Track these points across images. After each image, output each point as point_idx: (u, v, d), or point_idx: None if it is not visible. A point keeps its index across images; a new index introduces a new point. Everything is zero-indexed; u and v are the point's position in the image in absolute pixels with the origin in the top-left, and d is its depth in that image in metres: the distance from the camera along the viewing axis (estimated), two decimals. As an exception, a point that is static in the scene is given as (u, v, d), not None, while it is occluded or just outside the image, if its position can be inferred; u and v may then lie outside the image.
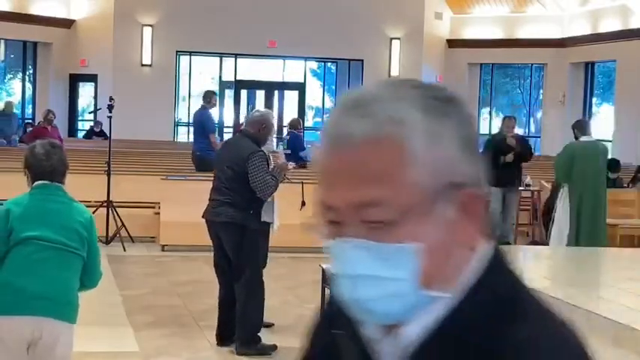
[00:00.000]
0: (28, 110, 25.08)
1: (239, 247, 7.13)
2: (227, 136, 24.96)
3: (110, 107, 12.08)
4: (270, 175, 7.16)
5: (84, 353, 6.82)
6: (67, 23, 24.62)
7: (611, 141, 22.32)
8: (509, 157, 12.90)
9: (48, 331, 4.33)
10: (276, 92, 26.78)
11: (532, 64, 27.04)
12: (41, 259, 4.32)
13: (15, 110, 19.10)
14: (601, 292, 7.58)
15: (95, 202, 12.18)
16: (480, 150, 1.40)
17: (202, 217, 7.44)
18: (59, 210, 4.42)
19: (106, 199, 11.99)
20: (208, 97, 14.88)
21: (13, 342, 4.29)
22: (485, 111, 27.86)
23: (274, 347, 7.24)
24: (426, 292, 1.32)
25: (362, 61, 25.91)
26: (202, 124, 14.44)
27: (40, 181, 4.43)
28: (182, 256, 11.48)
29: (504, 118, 13.81)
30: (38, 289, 4.29)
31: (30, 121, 24.23)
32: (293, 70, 26.85)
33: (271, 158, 7.59)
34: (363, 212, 1.30)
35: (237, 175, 7.15)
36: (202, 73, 27.50)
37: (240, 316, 7.15)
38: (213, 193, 7.40)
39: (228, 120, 25.99)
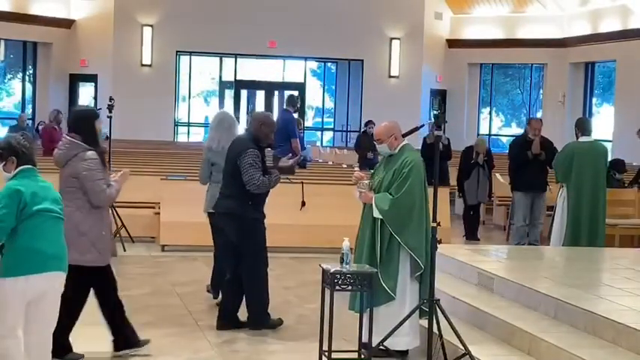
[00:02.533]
0: (28, 110, 25.08)
1: (239, 235, 7.59)
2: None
3: (110, 107, 12.07)
4: (260, 174, 7.47)
5: (84, 353, 6.81)
6: (67, 23, 24.62)
7: (611, 141, 22.32)
8: (535, 148, 11.91)
9: (58, 282, 5.45)
10: (276, 92, 26.78)
11: (532, 64, 27.04)
12: (48, 226, 5.35)
13: (28, 124, 19.47)
14: (601, 292, 7.58)
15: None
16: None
17: (212, 208, 8.01)
18: (49, 187, 5.48)
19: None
20: (292, 100, 14.57)
21: (30, 296, 5.29)
22: (485, 111, 27.86)
23: (281, 321, 7.79)
24: None
25: (362, 61, 25.90)
26: (286, 128, 13.95)
27: (25, 165, 5.40)
28: (182, 256, 11.46)
29: (530, 120, 12.92)
30: (51, 250, 5.36)
31: (30, 121, 24.24)
32: (293, 70, 26.85)
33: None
34: None
35: (234, 169, 7.58)
36: (202, 73, 27.51)
37: (248, 299, 7.70)
38: (221, 187, 7.91)
39: (228, 120, 25.96)
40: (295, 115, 14.64)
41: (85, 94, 25.79)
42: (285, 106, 14.91)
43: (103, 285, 6.65)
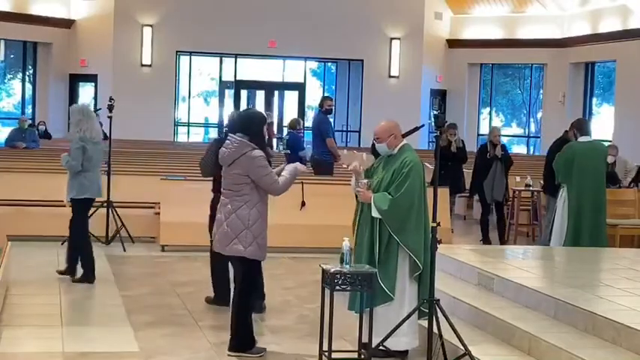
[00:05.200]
0: (28, 110, 25.07)
1: None
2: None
3: (110, 107, 12.08)
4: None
5: (84, 353, 6.82)
6: (67, 23, 24.61)
7: (611, 141, 22.30)
8: None
9: None
10: (276, 92, 26.78)
11: (532, 64, 27.02)
12: None
13: (27, 126, 19.87)
14: (601, 292, 7.58)
15: (95, 202, 12.18)
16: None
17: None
18: None
19: (105, 199, 11.98)
20: (321, 102, 15.14)
21: None
22: (485, 111, 27.85)
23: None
24: None
25: (362, 61, 25.89)
26: (319, 129, 14.64)
27: None
28: (182, 256, 11.47)
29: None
30: None
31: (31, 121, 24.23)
32: (293, 70, 26.84)
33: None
34: None
35: None
36: (202, 73, 27.51)
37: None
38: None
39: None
40: (329, 117, 15.36)
41: (85, 94, 25.77)
42: (318, 107, 15.52)
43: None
